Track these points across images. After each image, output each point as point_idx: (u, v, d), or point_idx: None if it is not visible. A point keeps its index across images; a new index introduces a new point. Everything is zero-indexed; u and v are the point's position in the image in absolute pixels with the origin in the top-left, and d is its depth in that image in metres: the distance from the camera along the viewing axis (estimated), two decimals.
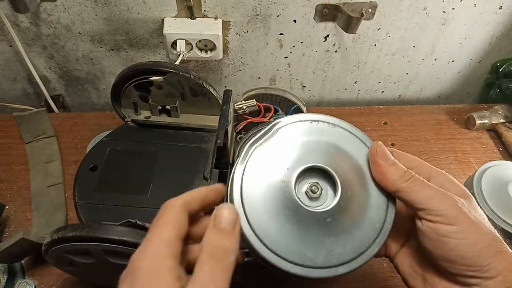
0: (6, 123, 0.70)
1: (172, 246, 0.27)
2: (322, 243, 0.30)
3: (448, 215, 0.29)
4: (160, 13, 0.67)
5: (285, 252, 0.30)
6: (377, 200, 0.32)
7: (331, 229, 0.31)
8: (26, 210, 0.59)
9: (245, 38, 0.72)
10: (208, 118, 0.61)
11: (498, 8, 0.72)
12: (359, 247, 0.31)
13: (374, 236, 0.31)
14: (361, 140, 0.34)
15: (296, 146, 0.33)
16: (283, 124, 0.34)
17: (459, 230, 0.29)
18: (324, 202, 0.32)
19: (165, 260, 0.26)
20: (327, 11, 0.68)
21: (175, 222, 0.28)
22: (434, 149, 0.73)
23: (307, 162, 0.32)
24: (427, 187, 0.31)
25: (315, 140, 0.33)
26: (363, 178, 0.33)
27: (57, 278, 0.53)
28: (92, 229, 0.39)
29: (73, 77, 0.78)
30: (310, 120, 0.34)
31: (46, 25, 0.68)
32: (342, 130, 0.34)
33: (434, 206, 0.30)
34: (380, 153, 0.32)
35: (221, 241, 0.27)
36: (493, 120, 0.75)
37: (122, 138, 0.59)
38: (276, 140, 0.33)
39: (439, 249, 0.30)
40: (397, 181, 0.31)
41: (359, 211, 0.32)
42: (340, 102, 0.88)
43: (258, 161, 0.32)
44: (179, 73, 0.55)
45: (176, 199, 0.30)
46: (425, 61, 0.80)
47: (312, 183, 0.32)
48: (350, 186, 0.32)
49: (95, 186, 0.53)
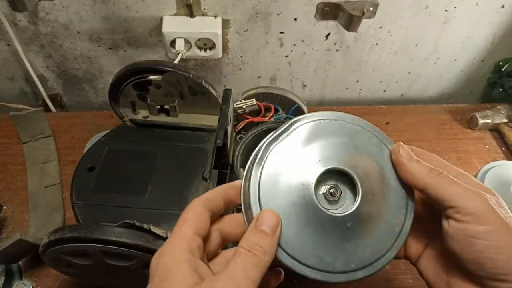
0: (3, 122, 0.69)
1: (189, 240, 0.28)
2: (342, 247, 0.30)
3: (478, 214, 0.28)
4: (159, 11, 0.66)
5: (304, 257, 0.29)
6: (397, 204, 0.31)
7: (351, 233, 0.30)
8: (24, 211, 0.59)
9: (245, 37, 0.71)
10: (207, 118, 0.61)
11: (500, 7, 0.71)
12: (378, 251, 0.30)
13: (393, 240, 0.31)
14: (381, 140, 0.33)
15: (315, 147, 0.32)
16: (301, 123, 0.33)
17: (490, 230, 0.28)
18: (342, 204, 0.31)
19: (181, 253, 0.27)
20: (328, 9, 0.67)
21: (194, 218, 0.30)
22: (437, 149, 0.73)
23: (327, 163, 0.31)
24: (456, 184, 0.29)
25: (335, 141, 0.32)
26: (383, 181, 0.32)
27: (54, 279, 0.52)
28: (89, 230, 0.39)
29: (71, 76, 0.77)
30: (329, 119, 0.33)
31: (44, 24, 0.67)
32: (361, 129, 0.33)
33: (464, 203, 0.28)
34: (404, 153, 0.32)
35: (260, 240, 0.28)
36: (496, 120, 0.74)
37: (120, 138, 0.58)
38: (294, 140, 0.32)
39: (466, 251, 0.29)
40: (424, 178, 0.30)
41: (379, 215, 0.31)
42: (342, 101, 0.87)
43: (275, 162, 0.31)
44: (178, 72, 0.54)
45: (198, 198, 0.31)
46: (427, 60, 0.80)
47: (331, 185, 0.31)
48: (370, 189, 0.31)
49: (93, 187, 0.52)
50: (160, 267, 0.27)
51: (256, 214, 0.29)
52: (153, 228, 0.40)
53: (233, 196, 0.33)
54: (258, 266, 0.27)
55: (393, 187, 0.32)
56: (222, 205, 0.32)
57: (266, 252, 0.28)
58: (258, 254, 0.27)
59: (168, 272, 0.27)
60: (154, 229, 0.40)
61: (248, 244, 0.28)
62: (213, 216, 0.31)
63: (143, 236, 0.39)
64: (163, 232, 0.40)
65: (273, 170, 0.31)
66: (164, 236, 0.40)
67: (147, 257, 0.39)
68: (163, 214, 0.51)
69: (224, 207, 0.32)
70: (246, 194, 0.31)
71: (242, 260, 0.27)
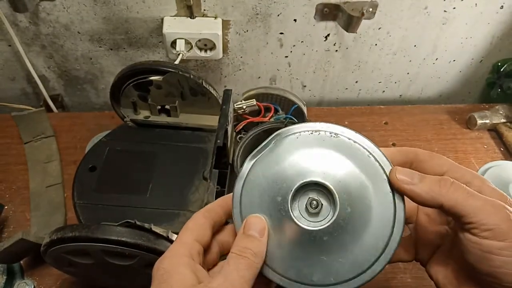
0: (5, 123, 0.69)
1: (189, 246, 0.30)
2: (318, 261, 0.30)
3: (498, 231, 0.26)
4: (160, 12, 0.66)
5: (283, 268, 0.30)
6: (382, 217, 0.30)
7: (328, 247, 0.30)
8: (25, 210, 0.59)
9: (245, 38, 0.72)
10: (207, 118, 0.61)
11: (499, 8, 0.71)
12: (359, 266, 0.30)
13: (377, 255, 0.30)
14: (366, 150, 0.31)
15: (295, 160, 0.31)
16: (283, 136, 0.32)
17: (508, 247, 0.26)
18: (326, 217, 0.31)
19: (181, 258, 0.29)
20: (327, 10, 0.67)
21: (194, 227, 0.31)
22: (435, 149, 0.73)
23: (306, 176, 0.31)
24: (473, 197, 0.28)
25: (316, 152, 0.32)
26: (367, 194, 0.31)
27: (56, 278, 0.53)
28: (91, 230, 0.39)
29: (72, 77, 0.78)
30: (310, 130, 0.32)
31: (45, 25, 0.67)
32: (346, 139, 0.32)
33: (483, 219, 0.27)
34: (402, 177, 0.29)
35: (249, 243, 0.29)
36: (494, 120, 0.75)
37: (121, 138, 0.59)
38: (275, 153, 0.32)
39: (484, 264, 0.28)
40: (437, 196, 0.28)
41: (360, 229, 0.30)
42: (341, 102, 0.88)
43: (256, 176, 0.32)
44: (179, 73, 0.55)
45: (199, 210, 0.33)
46: (426, 60, 0.80)
47: (312, 198, 0.31)
48: (350, 202, 0.30)
49: (94, 186, 0.53)
50: (160, 271, 0.28)
51: (243, 223, 0.31)
52: (154, 227, 0.40)
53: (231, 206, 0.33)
54: (250, 267, 0.28)
55: (377, 201, 0.30)
56: (222, 215, 0.33)
57: (256, 254, 0.29)
58: (248, 256, 0.28)
59: (167, 275, 0.28)
60: (155, 228, 0.40)
61: (238, 249, 0.29)
62: (215, 226, 0.33)
63: (144, 235, 0.39)
64: (163, 231, 0.40)
65: (253, 185, 0.32)
66: (165, 235, 0.40)
67: (148, 256, 0.39)
68: (163, 214, 0.51)
69: (225, 217, 0.33)
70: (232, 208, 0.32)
71: (234, 262, 0.28)
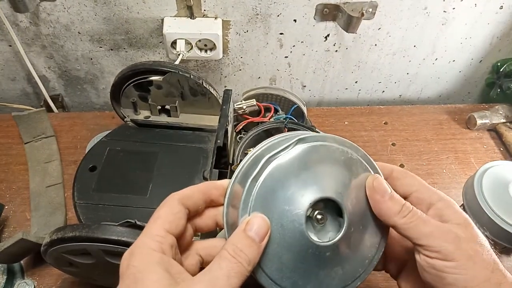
0: (5, 123, 0.70)
1: (160, 240, 0.28)
2: (315, 274, 0.30)
3: (445, 252, 0.29)
4: (160, 12, 0.66)
5: (279, 277, 0.29)
6: (372, 237, 0.32)
7: (328, 262, 0.30)
8: (25, 210, 0.59)
9: (245, 38, 0.72)
10: (207, 118, 0.61)
11: (499, 8, 0.72)
12: (345, 280, 0.31)
13: (361, 271, 0.32)
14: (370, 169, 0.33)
15: (314, 171, 0.31)
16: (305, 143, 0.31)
17: (457, 266, 0.29)
18: (328, 231, 0.31)
19: (152, 254, 0.27)
20: (327, 10, 0.68)
21: (167, 217, 0.29)
22: (435, 149, 0.73)
23: (322, 192, 0.30)
24: (424, 224, 0.30)
25: (335, 168, 0.32)
26: (364, 214, 0.32)
27: (56, 278, 0.53)
28: (91, 230, 0.39)
29: (72, 77, 0.78)
30: (334, 145, 0.32)
31: (45, 25, 0.68)
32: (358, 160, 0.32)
33: (432, 242, 0.30)
34: (377, 187, 0.31)
35: (246, 247, 0.27)
36: (494, 120, 0.75)
37: (121, 138, 0.59)
38: (295, 159, 0.31)
39: (438, 283, 0.30)
40: (394, 217, 0.31)
41: (355, 247, 0.31)
42: (341, 102, 0.88)
43: (273, 178, 0.30)
44: (179, 73, 0.55)
45: (175, 193, 0.30)
46: (426, 61, 0.80)
47: (319, 211, 0.31)
48: (353, 221, 0.31)
49: (95, 186, 0.53)
50: (131, 269, 0.26)
51: (245, 217, 0.29)
52: None
53: (215, 196, 0.32)
54: (241, 274, 0.27)
55: (371, 221, 0.32)
56: (201, 203, 0.31)
57: (250, 262, 0.27)
58: (242, 262, 0.27)
59: (140, 275, 0.26)
60: None
61: (234, 250, 0.27)
62: (190, 214, 0.31)
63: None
64: None
65: (270, 185, 0.30)
66: None
67: None
68: None
69: (203, 206, 0.32)
70: (236, 195, 0.30)
71: (225, 266, 0.26)
